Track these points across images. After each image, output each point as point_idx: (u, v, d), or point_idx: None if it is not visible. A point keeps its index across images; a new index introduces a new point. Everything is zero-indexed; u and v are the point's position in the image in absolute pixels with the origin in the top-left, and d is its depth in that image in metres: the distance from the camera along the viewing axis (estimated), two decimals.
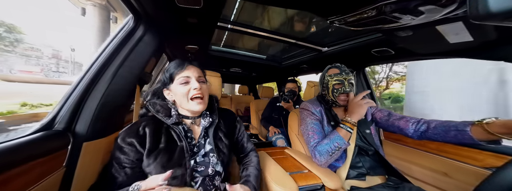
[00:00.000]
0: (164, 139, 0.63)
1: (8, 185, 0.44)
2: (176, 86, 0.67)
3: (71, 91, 0.69)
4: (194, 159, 0.66)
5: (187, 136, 0.68)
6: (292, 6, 0.81)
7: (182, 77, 0.67)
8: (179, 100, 0.68)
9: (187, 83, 0.67)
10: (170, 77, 0.68)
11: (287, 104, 1.86)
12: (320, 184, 0.81)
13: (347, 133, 0.85)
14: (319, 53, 1.55)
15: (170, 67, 0.69)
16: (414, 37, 0.82)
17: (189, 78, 0.67)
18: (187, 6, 0.78)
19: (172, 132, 0.65)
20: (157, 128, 0.64)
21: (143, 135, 0.62)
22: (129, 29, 0.82)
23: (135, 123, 0.65)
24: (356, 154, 0.95)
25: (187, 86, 0.66)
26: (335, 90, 0.97)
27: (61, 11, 59.26)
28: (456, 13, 0.56)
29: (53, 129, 0.62)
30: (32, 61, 29.10)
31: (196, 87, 0.66)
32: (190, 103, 0.66)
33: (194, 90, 0.66)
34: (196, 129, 0.73)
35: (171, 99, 0.71)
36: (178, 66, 0.68)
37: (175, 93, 0.68)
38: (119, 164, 0.59)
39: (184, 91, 0.66)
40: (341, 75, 0.96)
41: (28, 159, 0.49)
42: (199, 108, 0.67)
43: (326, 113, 1.03)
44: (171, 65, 0.70)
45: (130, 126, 0.64)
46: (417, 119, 0.89)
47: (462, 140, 0.71)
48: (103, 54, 0.76)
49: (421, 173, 1.11)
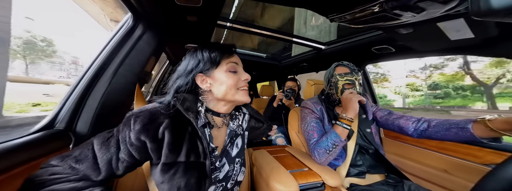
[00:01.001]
0: (185, 149, 0.49)
1: (9, 185, 0.44)
2: (222, 73, 0.54)
3: (72, 91, 0.69)
4: (215, 180, 0.55)
5: (210, 149, 0.53)
6: (292, 4, 0.80)
7: (232, 62, 0.56)
8: (222, 90, 0.54)
9: (235, 72, 0.56)
10: (215, 60, 0.54)
11: (289, 101, 1.86)
12: (320, 182, 0.81)
13: (344, 130, 0.85)
14: (319, 51, 1.54)
15: (215, 49, 0.55)
16: (415, 34, 0.81)
17: (237, 66, 0.57)
18: (186, 4, 0.77)
19: (198, 142, 0.50)
20: (180, 133, 0.49)
21: (161, 140, 0.47)
22: (128, 28, 0.82)
23: (156, 117, 0.48)
24: (357, 153, 0.96)
25: (236, 75, 0.56)
26: (345, 90, 0.94)
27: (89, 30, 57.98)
28: (458, 10, 0.56)
29: (54, 129, 0.63)
30: (56, 67, 36.38)
31: (247, 77, 0.57)
32: (238, 94, 0.56)
33: (243, 82, 0.57)
34: (219, 134, 0.59)
35: (206, 88, 0.55)
36: (227, 49, 0.57)
37: (218, 81, 0.54)
38: (115, 159, 0.45)
39: (233, 81, 0.54)
40: (352, 75, 0.94)
41: (29, 159, 0.49)
42: (247, 98, 0.57)
43: (327, 112, 1.03)
44: (214, 46, 0.56)
45: (149, 118, 0.47)
46: (417, 118, 0.89)
47: (463, 138, 0.72)
48: (103, 53, 0.76)
49: (421, 171, 1.12)
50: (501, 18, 0.37)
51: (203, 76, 0.55)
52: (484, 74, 12.03)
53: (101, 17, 3.94)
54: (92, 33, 39.06)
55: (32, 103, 7.85)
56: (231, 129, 0.61)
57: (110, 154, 0.44)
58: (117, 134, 0.46)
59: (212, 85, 0.55)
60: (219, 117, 0.59)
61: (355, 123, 0.99)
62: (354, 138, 0.96)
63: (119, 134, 0.46)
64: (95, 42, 27.58)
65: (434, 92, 14.11)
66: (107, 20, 3.81)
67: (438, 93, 13.81)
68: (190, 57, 0.57)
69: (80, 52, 53.48)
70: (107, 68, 0.75)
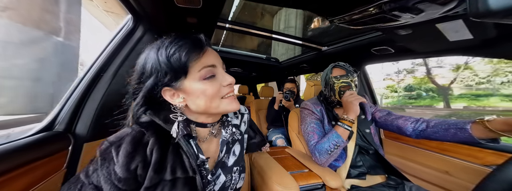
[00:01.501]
0: (170, 165, 0.41)
1: (9, 187, 0.44)
2: (195, 83, 0.41)
3: (71, 92, 0.69)
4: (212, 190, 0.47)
5: (199, 162, 0.45)
6: (292, 6, 0.81)
7: (206, 67, 0.41)
8: (201, 104, 0.43)
9: (214, 76, 0.43)
10: (180, 68, 0.40)
11: (288, 103, 1.86)
12: (320, 183, 0.81)
13: (345, 131, 0.85)
14: (319, 52, 1.54)
15: (175, 50, 0.39)
16: (414, 35, 0.82)
17: (215, 69, 0.43)
18: (187, 6, 0.78)
19: (183, 155, 0.43)
20: (164, 149, 0.42)
21: (149, 161, 0.40)
22: (128, 29, 0.82)
23: (139, 139, 0.40)
24: (357, 154, 0.96)
25: (215, 80, 0.43)
26: (342, 92, 0.95)
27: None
28: (456, 11, 0.56)
29: (54, 131, 0.63)
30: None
31: (230, 81, 0.44)
32: (223, 104, 0.44)
33: (227, 88, 0.44)
34: (210, 145, 0.51)
35: (179, 104, 0.44)
36: (193, 48, 0.41)
37: (192, 94, 0.42)
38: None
39: (212, 90, 0.42)
40: (348, 76, 0.95)
41: (29, 160, 0.49)
42: (235, 106, 0.46)
43: (326, 113, 1.04)
44: (176, 45, 0.40)
45: (133, 143, 0.39)
46: (416, 118, 0.89)
47: (462, 138, 0.72)
48: (103, 55, 0.76)
49: (421, 172, 1.12)
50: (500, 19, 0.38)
51: (171, 90, 0.42)
52: (445, 77, 14.04)
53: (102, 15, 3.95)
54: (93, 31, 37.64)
55: None
56: (223, 138, 0.51)
57: None
58: (91, 178, 0.37)
59: (186, 99, 0.43)
60: (206, 128, 0.49)
61: (354, 124, 0.99)
62: (354, 138, 0.96)
63: (94, 176, 0.37)
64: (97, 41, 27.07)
65: (409, 93, 16.03)
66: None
67: (412, 94, 15.52)
68: (144, 65, 0.42)
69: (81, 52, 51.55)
70: (107, 69, 0.75)
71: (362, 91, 1.52)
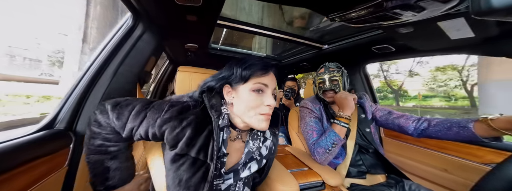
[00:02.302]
0: (198, 145, 0.49)
1: (11, 184, 0.44)
2: (246, 91, 0.52)
3: (72, 90, 0.69)
4: (217, 189, 0.53)
5: (220, 154, 0.52)
6: (291, 3, 0.80)
7: (260, 83, 0.52)
8: (241, 109, 0.52)
9: (261, 92, 0.52)
10: (245, 76, 0.52)
11: (288, 101, 1.86)
12: (320, 181, 0.82)
13: (342, 128, 0.86)
14: (319, 51, 1.54)
15: (250, 64, 0.53)
16: (415, 33, 0.81)
17: (266, 88, 0.53)
18: (186, 3, 0.77)
19: (211, 142, 0.49)
20: (199, 130, 0.49)
21: (178, 134, 0.48)
22: (128, 27, 0.82)
23: (184, 111, 0.50)
24: (357, 152, 0.96)
25: (259, 97, 0.52)
26: (319, 87, 1.03)
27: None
28: (458, 9, 0.56)
29: (55, 129, 0.63)
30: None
31: (271, 103, 0.52)
32: (255, 118, 0.51)
33: (266, 108, 0.52)
34: (234, 147, 0.57)
35: (229, 101, 0.54)
36: (262, 67, 0.53)
37: (240, 98, 0.52)
38: (136, 130, 0.50)
39: (254, 102, 0.51)
40: (324, 73, 1.02)
41: (31, 158, 0.49)
42: (263, 126, 0.51)
43: (325, 111, 1.04)
44: (251, 62, 0.53)
45: (179, 111, 0.49)
46: (417, 117, 0.89)
47: (464, 137, 0.71)
48: (103, 53, 0.76)
49: (421, 170, 1.12)
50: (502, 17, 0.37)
51: (230, 88, 0.54)
52: (400, 81, 17.40)
53: None
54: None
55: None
56: (249, 149, 0.56)
57: (134, 124, 0.50)
58: (148, 110, 0.50)
59: (234, 99, 0.53)
60: (235, 131, 0.57)
61: (354, 123, 0.99)
62: (353, 137, 0.96)
63: (150, 110, 0.50)
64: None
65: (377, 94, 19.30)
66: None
67: (379, 95, 18.16)
68: (229, 66, 0.56)
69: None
70: (107, 68, 0.75)
71: (362, 89, 1.52)
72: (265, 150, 0.62)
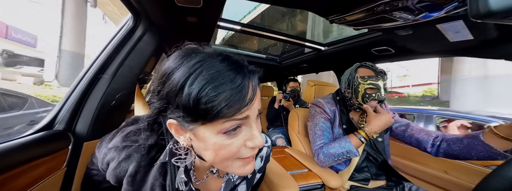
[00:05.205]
0: (150, 184, 0.36)
1: (9, 185, 0.44)
2: (211, 135, 0.30)
3: (71, 91, 0.69)
4: None
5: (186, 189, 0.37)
6: (292, 5, 0.81)
7: (236, 120, 0.29)
8: (206, 155, 0.33)
9: (239, 128, 0.31)
10: (207, 115, 0.28)
11: (287, 103, 1.86)
12: (320, 183, 0.81)
13: (359, 142, 0.80)
14: (318, 52, 1.54)
15: (215, 93, 0.27)
16: (414, 35, 0.82)
17: (246, 120, 0.31)
18: (187, 5, 0.77)
19: (168, 178, 0.36)
20: (148, 162, 0.37)
21: (116, 173, 0.37)
22: (128, 28, 0.82)
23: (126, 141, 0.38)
24: (364, 159, 0.91)
25: (237, 137, 0.31)
26: (367, 95, 0.83)
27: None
28: (457, 12, 0.56)
29: (54, 129, 0.63)
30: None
31: (257, 145, 0.32)
32: (235, 164, 0.33)
33: (248, 151, 0.33)
34: (208, 184, 0.43)
35: (183, 142, 0.34)
36: (238, 100, 0.28)
37: (203, 143, 0.31)
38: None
39: (227, 150, 0.31)
40: (377, 78, 0.82)
41: (29, 159, 0.49)
42: (247, 170, 0.34)
43: (340, 115, 0.96)
44: (219, 87, 0.27)
45: (122, 139, 0.38)
46: (437, 134, 0.83)
47: (480, 151, 0.66)
48: (103, 54, 0.76)
49: (421, 172, 1.12)
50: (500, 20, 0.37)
51: (183, 129, 0.32)
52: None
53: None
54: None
55: None
56: (230, 178, 0.43)
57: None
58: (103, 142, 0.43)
59: (192, 141, 0.34)
60: (207, 163, 0.39)
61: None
62: (363, 145, 0.90)
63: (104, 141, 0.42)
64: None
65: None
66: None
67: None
68: (166, 75, 0.31)
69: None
70: (107, 68, 0.75)
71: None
72: (261, 162, 0.48)
